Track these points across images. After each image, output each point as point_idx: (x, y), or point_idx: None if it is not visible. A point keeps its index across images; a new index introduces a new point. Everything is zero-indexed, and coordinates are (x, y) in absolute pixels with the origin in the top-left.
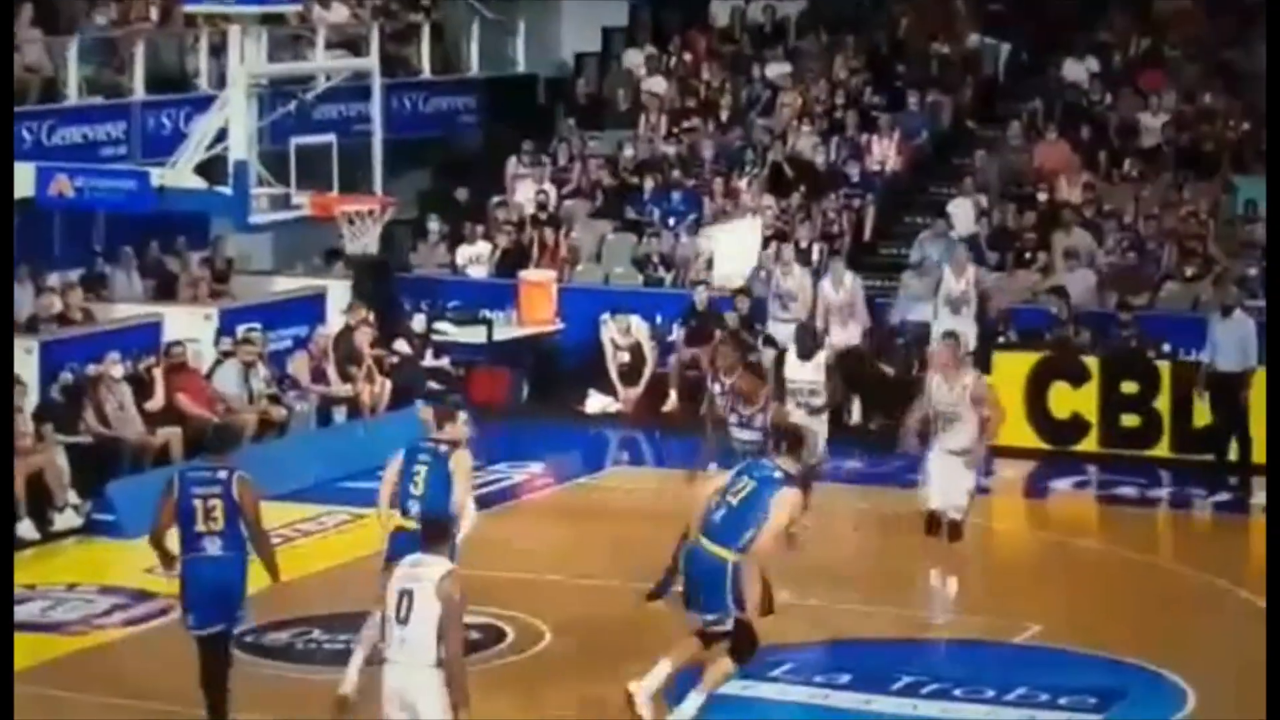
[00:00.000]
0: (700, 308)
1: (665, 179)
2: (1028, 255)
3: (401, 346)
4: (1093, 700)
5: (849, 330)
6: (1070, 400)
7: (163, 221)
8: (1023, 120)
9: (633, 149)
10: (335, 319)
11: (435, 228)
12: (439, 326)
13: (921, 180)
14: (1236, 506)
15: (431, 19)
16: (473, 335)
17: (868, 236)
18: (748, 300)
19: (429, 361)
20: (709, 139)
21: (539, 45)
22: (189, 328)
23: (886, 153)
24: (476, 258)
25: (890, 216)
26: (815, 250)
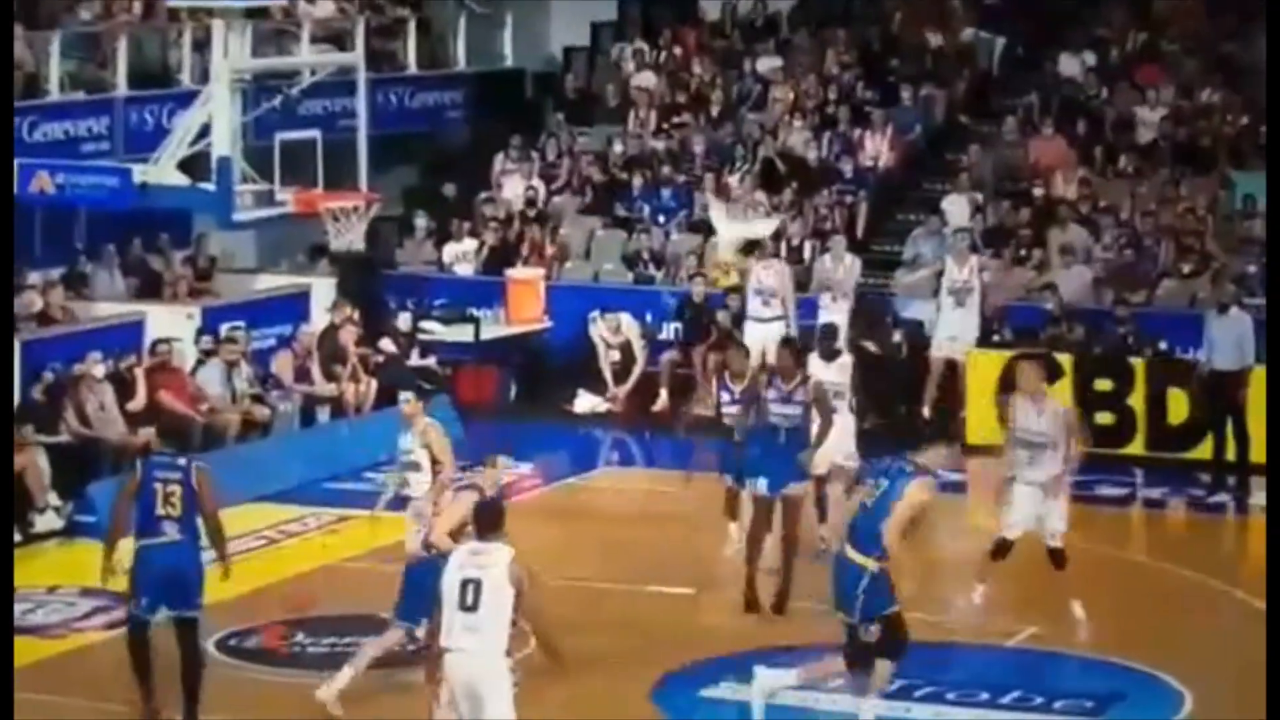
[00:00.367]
0: (697, 300)
1: (655, 175)
2: (1023, 252)
3: (387, 345)
4: (1089, 703)
5: (838, 306)
6: None
7: (145, 219)
8: (1018, 115)
9: (622, 144)
10: (320, 317)
11: (422, 224)
12: (425, 325)
13: (915, 176)
14: (1232, 507)
15: (418, 13)
16: (460, 334)
17: (860, 233)
18: (740, 298)
19: (415, 360)
20: (699, 134)
21: (527, 40)
22: (171, 327)
23: (879, 148)
24: (463, 255)
25: (883, 212)
26: (807, 247)
